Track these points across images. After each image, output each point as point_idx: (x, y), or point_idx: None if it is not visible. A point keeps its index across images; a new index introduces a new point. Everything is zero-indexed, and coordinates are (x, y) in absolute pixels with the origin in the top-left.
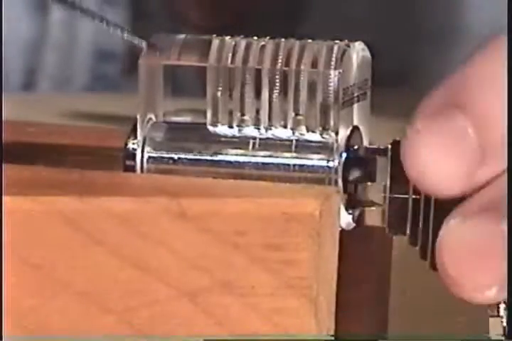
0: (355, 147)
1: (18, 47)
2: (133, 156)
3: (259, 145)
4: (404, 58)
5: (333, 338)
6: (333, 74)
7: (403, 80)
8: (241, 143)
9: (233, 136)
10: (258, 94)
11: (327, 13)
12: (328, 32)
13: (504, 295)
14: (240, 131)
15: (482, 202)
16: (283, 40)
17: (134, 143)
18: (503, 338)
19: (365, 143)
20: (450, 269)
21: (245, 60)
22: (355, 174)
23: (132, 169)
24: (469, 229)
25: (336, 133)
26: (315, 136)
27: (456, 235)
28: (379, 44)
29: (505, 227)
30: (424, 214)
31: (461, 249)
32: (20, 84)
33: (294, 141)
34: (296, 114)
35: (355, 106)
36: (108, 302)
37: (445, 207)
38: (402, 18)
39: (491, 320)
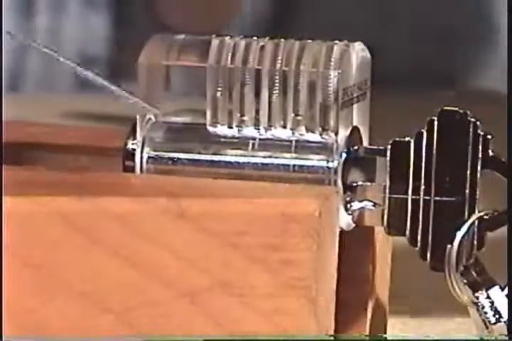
0: (355, 147)
1: (4, 51)
2: (132, 156)
3: (259, 146)
4: (404, 58)
5: (332, 338)
6: (333, 75)
7: (403, 80)
8: (241, 143)
9: (233, 137)
10: (258, 94)
11: (326, 14)
12: (326, 33)
13: None
14: (239, 131)
15: None
16: (282, 40)
17: (133, 144)
18: (505, 338)
19: (365, 143)
20: None
21: (245, 61)
22: (354, 174)
23: (132, 169)
24: None
25: (336, 134)
26: (315, 137)
27: None
28: (379, 44)
29: None
30: (424, 215)
31: None
32: (6, 86)
33: (293, 142)
34: (296, 115)
35: (355, 106)
36: (108, 302)
37: (445, 207)
38: (402, 18)
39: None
